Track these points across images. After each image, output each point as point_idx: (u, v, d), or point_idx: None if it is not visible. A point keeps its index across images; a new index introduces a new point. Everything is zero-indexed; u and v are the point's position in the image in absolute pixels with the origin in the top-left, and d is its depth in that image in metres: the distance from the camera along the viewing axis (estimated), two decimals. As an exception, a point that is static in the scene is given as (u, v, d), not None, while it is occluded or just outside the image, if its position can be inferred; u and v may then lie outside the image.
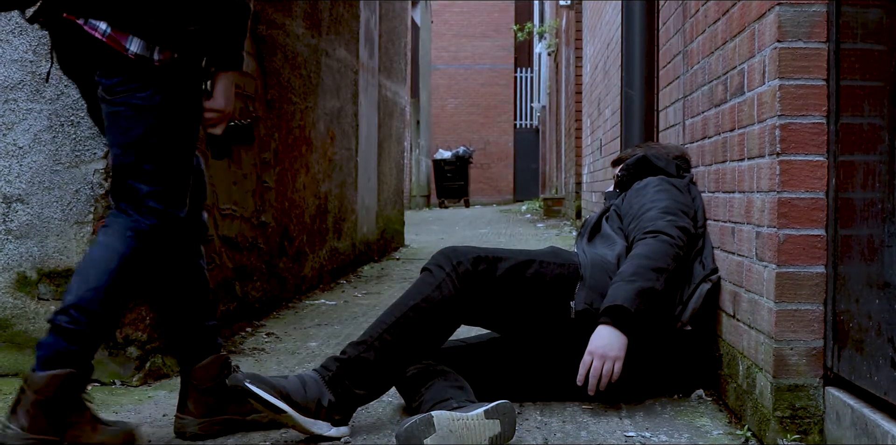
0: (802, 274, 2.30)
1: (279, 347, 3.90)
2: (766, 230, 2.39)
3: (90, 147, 3.20)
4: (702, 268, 2.95)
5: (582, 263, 2.88)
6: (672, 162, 3.34)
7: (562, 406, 2.87)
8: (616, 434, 2.57)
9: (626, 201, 3.19)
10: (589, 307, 2.77)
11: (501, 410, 2.44)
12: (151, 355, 3.26)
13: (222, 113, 2.47)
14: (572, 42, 12.03)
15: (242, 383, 2.41)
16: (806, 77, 2.28)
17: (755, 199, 2.49)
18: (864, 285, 2.05)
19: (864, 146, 2.08)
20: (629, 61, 5.81)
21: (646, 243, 2.85)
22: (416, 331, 2.63)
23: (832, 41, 2.26)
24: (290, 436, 2.55)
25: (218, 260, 4.01)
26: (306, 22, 5.39)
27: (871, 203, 2.02)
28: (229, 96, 2.47)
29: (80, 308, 2.26)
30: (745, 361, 2.58)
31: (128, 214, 2.34)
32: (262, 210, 4.62)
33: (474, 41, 25.83)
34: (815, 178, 2.29)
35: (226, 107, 2.47)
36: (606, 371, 2.68)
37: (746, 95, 2.58)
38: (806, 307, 2.30)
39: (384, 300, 5.14)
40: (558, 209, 14.47)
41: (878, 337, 1.96)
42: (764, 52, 2.40)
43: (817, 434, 2.28)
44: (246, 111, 3.28)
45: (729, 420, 2.71)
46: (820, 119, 2.28)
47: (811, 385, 2.30)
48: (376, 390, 2.60)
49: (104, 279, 2.29)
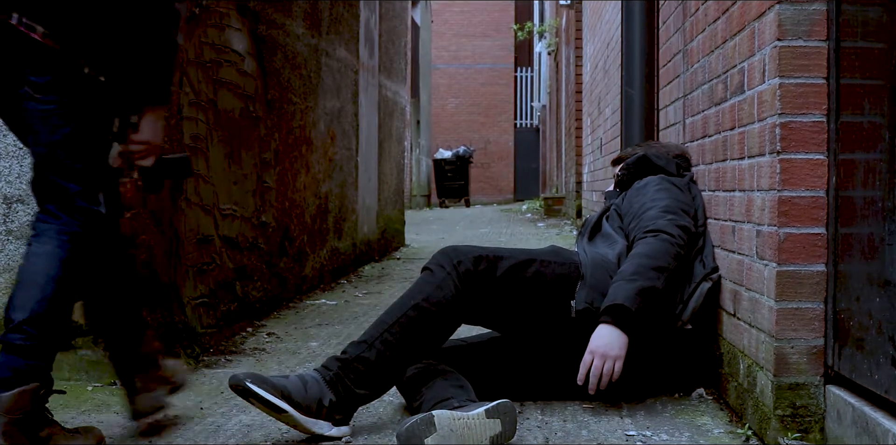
0: (803, 273, 2.30)
1: (280, 347, 3.90)
2: (766, 229, 2.39)
3: (90, 147, 3.20)
4: (702, 267, 2.95)
5: (582, 262, 2.88)
6: (672, 161, 3.34)
7: (562, 405, 2.87)
8: (617, 432, 2.57)
9: (626, 200, 3.19)
10: (589, 306, 2.77)
11: (502, 409, 2.44)
12: (152, 355, 3.26)
13: (149, 145, 2.49)
14: (572, 41, 12.02)
15: (244, 383, 2.41)
16: (806, 75, 2.28)
17: (755, 197, 2.49)
18: (865, 283, 2.05)
19: (864, 144, 2.08)
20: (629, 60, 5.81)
21: (646, 242, 2.85)
22: (416, 330, 2.63)
23: (832, 39, 2.26)
24: (291, 436, 2.55)
25: (218, 260, 4.01)
26: (306, 22, 5.39)
27: (871, 201, 2.02)
28: (156, 130, 2.49)
29: (33, 322, 2.25)
30: (746, 359, 2.58)
31: (57, 216, 2.34)
32: (262, 210, 4.62)
33: (474, 41, 25.81)
34: (816, 176, 2.29)
35: (152, 139, 2.49)
36: (607, 370, 2.68)
37: (747, 94, 2.58)
38: (806, 306, 2.30)
39: (385, 300, 5.14)
40: (559, 209, 14.46)
41: (879, 335, 1.96)
42: (764, 51, 2.40)
43: (818, 432, 2.28)
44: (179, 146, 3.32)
45: (730, 418, 2.71)
46: (820, 117, 2.28)
47: (812, 384, 2.30)
48: (377, 389, 2.60)
49: (50, 287, 2.28)
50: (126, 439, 2.56)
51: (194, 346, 3.60)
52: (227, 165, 4.09)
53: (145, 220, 3.26)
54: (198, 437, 2.57)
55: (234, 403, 2.91)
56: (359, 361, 2.56)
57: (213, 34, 3.92)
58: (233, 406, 2.89)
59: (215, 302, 3.94)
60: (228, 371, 3.37)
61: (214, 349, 3.79)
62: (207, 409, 2.88)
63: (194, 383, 3.24)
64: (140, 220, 3.23)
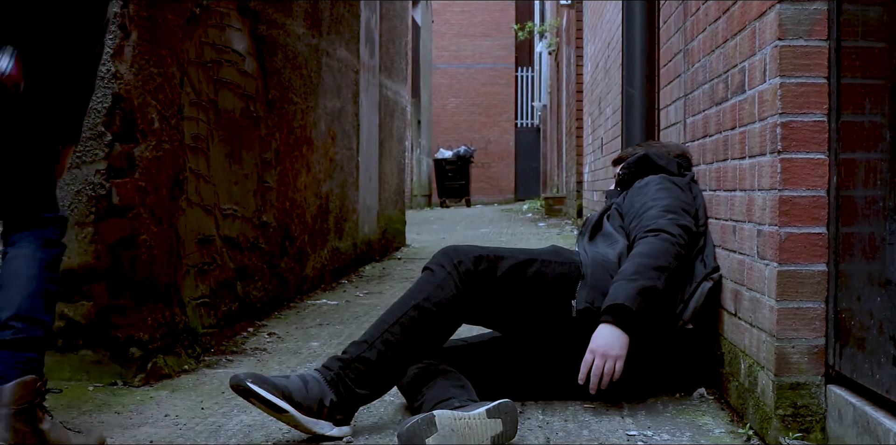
0: (804, 272, 2.29)
1: (281, 347, 3.90)
2: (767, 228, 2.39)
3: (91, 148, 3.20)
4: (703, 267, 2.94)
5: (583, 261, 2.88)
6: (673, 160, 3.34)
7: (563, 405, 2.87)
8: (618, 432, 2.57)
9: (627, 199, 3.19)
10: (590, 305, 2.77)
11: (503, 409, 2.44)
12: (153, 355, 3.27)
13: None
14: (573, 41, 12.02)
15: (244, 383, 2.41)
16: (807, 75, 2.28)
17: (756, 197, 2.49)
18: (866, 282, 2.05)
19: (865, 144, 2.08)
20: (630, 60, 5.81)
21: (647, 242, 2.85)
22: (417, 330, 2.63)
23: (833, 39, 2.26)
24: (291, 436, 2.55)
25: (219, 260, 4.01)
26: (307, 22, 5.39)
27: (872, 201, 2.02)
28: (66, 167, 2.62)
29: (20, 317, 2.31)
30: (747, 359, 2.58)
31: (30, 227, 2.43)
32: (263, 210, 4.62)
33: (475, 40, 25.81)
34: (817, 176, 2.29)
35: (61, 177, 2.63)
36: (608, 370, 2.68)
37: (747, 94, 2.58)
38: (807, 305, 2.30)
39: (386, 300, 5.14)
40: (559, 208, 14.46)
41: (880, 335, 1.96)
42: (765, 51, 2.40)
43: (819, 432, 2.28)
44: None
45: (731, 418, 2.71)
46: (821, 117, 2.28)
47: (813, 383, 2.30)
48: (378, 389, 2.59)
49: (33, 285, 2.35)
50: (128, 440, 2.56)
51: (195, 346, 3.60)
52: (227, 164, 4.09)
53: (145, 219, 3.26)
54: (199, 437, 2.57)
55: (235, 403, 2.91)
56: (360, 361, 2.56)
57: (213, 34, 3.92)
58: (234, 406, 2.89)
59: (216, 302, 3.94)
60: (229, 371, 3.37)
61: (215, 349, 3.79)
62: (208, 409, 2.88)
63: (195, 383, 3.24)
64: (140, 219, 3.23)
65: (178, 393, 3.09)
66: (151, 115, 3.31)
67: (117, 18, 3.17)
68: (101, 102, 3.19)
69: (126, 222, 3.20)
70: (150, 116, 3.30)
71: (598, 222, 3.20)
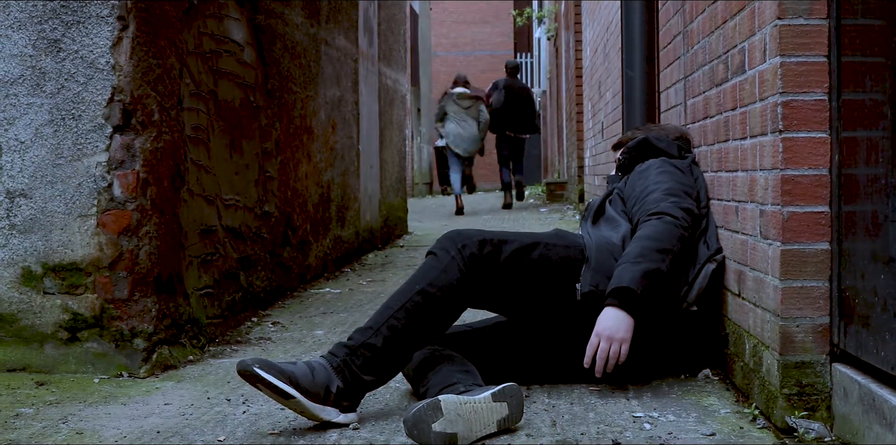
0: (807, 251, 2.29)
1: (285, 336, 3.91)
2: (769, 208, 2.39)
3: (92, 140, 3.20)
4: (706, 248, 2.94)
5: (587, 245, 2.88)
6: (673, 143, 3.33)
7: (569, 389, 2.87)
8: (624, 414, 2.58)
9: (628, 183, 3.18)
10: (595, 288, 2.77)
11: (509, 393, 2.44)
12: (158, 346, 3.27)
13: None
14: (572, 26, 11.99)
15: (252, 368, 2.41)
16: (807, 54, 2.28)
17: (758, 177, 2.49)
18: (870, 260, 2.05)
19: (866, 122, 2.07)
20: (629, 43, 5.80)
21: (650, 225, 2.85)
22: (422, 315, 2.63)
23: (833, 18, 2.25)
24: (298, 424, 2.55)
25: (222, 250, 4.01)
26: (305, 11, 5.38)
27: (874, 179, 2.02)
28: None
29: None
30: (752, 339, 2.59)
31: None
32: (265, 200, 4.62)
33: (473, 28, 25.77)
34: (818, 154, 2.28)
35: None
36: (613, 353, 2.68)
37: (748, 74, 2.57)
38: (811, 284, 2.30)
39: (389, 288, 5.15)
40: (561, 194, 14.46)
41: (885, 312, 1.96)
42: (764, 30, 2.39)
43: (825, 410, 2.28)
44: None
45: (736, 398, 2.71)
46: (822, 96, 2.28)
47: (818, 362, 2.30)
48: (385, 375, 2.60)
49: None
50: (134, 430, 2.56)
51: (199, 336, 3.61)
52: (228, 155, 4.09)
53: (147, 211, 3.26)
54: (205, 426, 2.57)
55: (241, 392, 2.91)
56: (365, 347, 2.57)
57: (212, 24, 3.91)
58: (239, 396, 2.90)
59: (220, 292, 3.95)
60: (234, 361, 3.38)
61: (220, 338, 3.79)
62: (214, 398, 2.89)
63: (200, 373, 3.25)
64: (142, 211, 3.23)
65: (184, 384, 3.10)
66: (151, 106, 3.30)
67: (116, 10, 3.16)
68: (101, 94, 3.19)
69: (128, 214, 3.20)
70: (150, 107, 3.30)
71: (600, 207, 3.19)
